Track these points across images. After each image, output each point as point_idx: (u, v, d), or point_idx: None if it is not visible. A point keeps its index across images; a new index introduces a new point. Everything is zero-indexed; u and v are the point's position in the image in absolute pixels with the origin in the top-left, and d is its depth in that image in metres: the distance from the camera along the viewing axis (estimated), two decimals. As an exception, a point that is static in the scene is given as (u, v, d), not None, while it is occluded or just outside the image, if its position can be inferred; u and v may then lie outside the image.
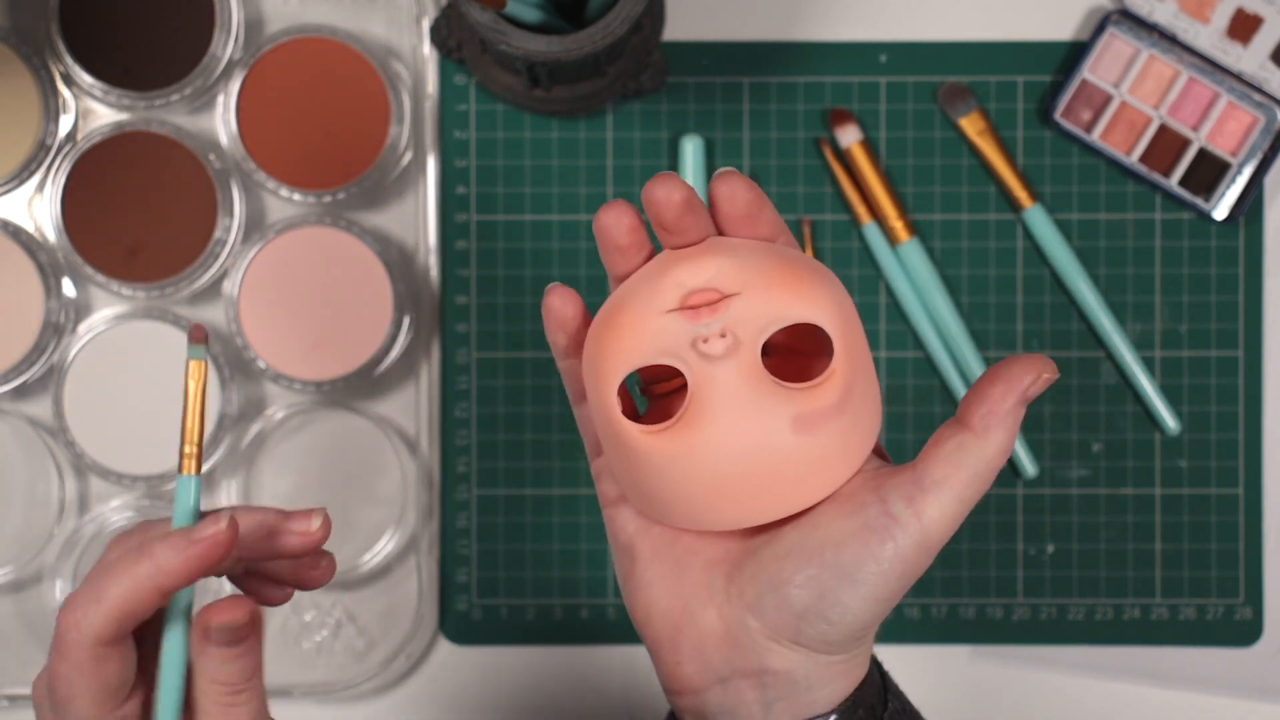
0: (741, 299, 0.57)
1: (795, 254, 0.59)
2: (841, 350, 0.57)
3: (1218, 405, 1.00)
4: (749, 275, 0.57)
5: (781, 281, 0.57)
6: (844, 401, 0.57)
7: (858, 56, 0.99)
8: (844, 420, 0.57)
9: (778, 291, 0.57)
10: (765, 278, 0.57)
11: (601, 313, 0.59)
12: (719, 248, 0.58)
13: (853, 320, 0.58)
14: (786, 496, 0.57)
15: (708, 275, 0.57)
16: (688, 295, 0.57)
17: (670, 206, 0.57)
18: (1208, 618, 1.00)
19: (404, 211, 0.99)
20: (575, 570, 1.00)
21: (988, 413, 0.56)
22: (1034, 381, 0.56)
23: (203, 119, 0.98)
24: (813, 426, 0.57)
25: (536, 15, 0.86)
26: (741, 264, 0.57)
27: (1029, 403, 0.56)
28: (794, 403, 0.57)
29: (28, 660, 0.99)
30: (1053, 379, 0.56)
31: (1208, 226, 1.00)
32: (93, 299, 0.98)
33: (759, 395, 0.56)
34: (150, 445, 0.97)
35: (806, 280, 0.57)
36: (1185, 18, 0.98)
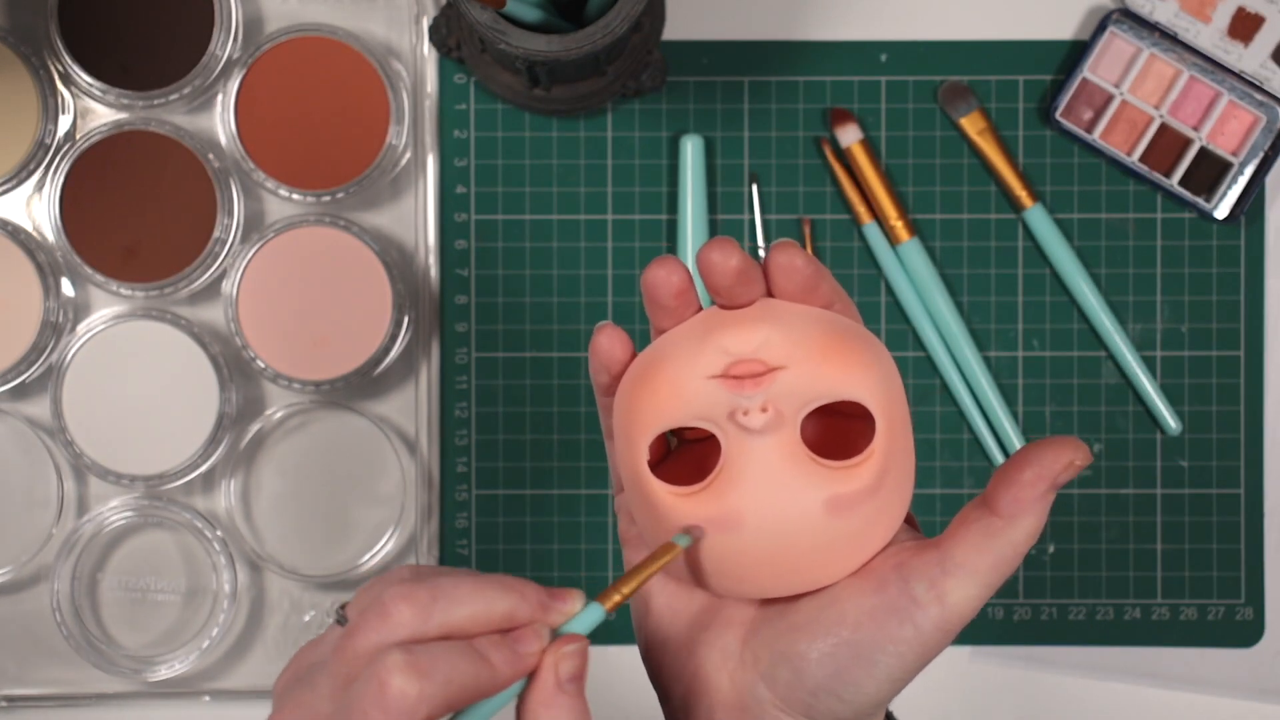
0: (787, 372, 0.55)
1: (846, 324, 0.57)
2: (883, 430, 0.55)
3: (1219, 405, 1.00)
4: (797, 349, 0.55)
5: (830, 357, 0.55)
6: (879, 483, 0.55)
7: (858, 56, 0.99)
8: (878, 502, 0.55)
9: (825, 368, 0.55)
10: (813, 352, 0.55)
11: (639, 364, 0.57)
12: (769, 314, 0.56)
13: (898, 396, 0.56)
14: (811, 573, 0.56)
15: (755, 345, 0.56)
16: (733, 364, 0.55)
17: (725, 273, 0.56)
18: (1209, 618, 1.00)
19: (404, 211, 0.99)
20: (575, 570, 1.00)
21: (1015, 499, 0.54)
22: (1065, 468, 0.54)
23: (202, 118, 0.98)
24: (846, 509, 0.55)
25: (536, 14, 0.86)
26: (790, 335, 0.55)
27: (1056, 491, 0.54)
28: (829, 483, 0.55)
29: (25, 661, 0.99)
30: (1085, 465, 0.54)
31: (1209, 226, 1.00)
32: (91, 299, 0.98)
33: (794, 473, 0.55)
34: (149, 445, 0.97)
35: (856, 356, 0.55)
36: (1186, 17, 0.98)
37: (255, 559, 0.98)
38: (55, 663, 0.99)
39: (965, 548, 0.54)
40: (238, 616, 0.99)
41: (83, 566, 0.98)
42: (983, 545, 0.54)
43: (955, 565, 0.54)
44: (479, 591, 0.53)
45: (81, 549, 0.98)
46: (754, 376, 0.55)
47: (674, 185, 0.99)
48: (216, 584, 0.98)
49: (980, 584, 0.54)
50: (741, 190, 0.99)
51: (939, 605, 0.54)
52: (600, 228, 0.99)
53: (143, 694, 0.98)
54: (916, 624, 0.54)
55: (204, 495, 0.99)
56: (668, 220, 0.99)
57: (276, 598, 0.99)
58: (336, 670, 0.52)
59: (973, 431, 0.99)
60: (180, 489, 0.98)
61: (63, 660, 0.98)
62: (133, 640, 0.99)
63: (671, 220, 0.99)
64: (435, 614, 0.52)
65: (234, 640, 0.99)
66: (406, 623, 0.52)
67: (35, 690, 0.99)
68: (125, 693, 0.98)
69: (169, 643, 0.98)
